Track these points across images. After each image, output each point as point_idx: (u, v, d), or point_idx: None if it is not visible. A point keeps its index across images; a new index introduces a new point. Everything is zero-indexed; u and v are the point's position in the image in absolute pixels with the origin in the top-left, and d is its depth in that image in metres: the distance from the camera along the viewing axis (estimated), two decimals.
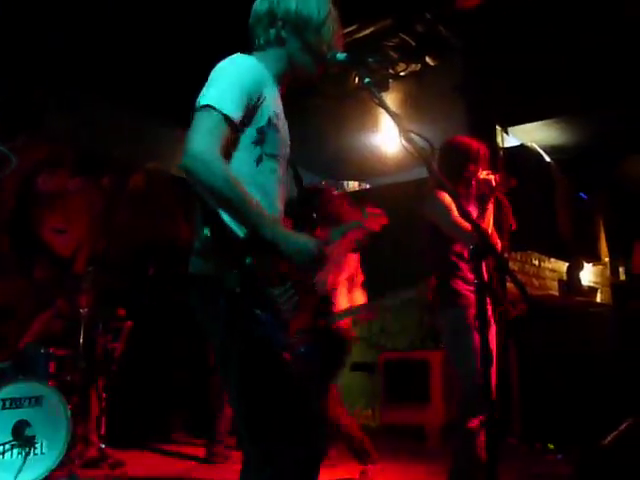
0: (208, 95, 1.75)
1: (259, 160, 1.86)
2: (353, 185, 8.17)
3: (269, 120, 1.87)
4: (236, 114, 1.74)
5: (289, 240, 1.75)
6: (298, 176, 2.11)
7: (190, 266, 1.88)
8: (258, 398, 1.75)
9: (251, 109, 1.80)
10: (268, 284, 1.75)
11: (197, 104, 1.75)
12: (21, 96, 5.64)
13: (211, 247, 1.78)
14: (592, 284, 8.08)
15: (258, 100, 1.82)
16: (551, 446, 4.80)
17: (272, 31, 1.96)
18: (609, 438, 3.05)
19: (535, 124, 6.09)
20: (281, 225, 1.79)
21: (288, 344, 1.78)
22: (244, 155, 1.83)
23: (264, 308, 1.73)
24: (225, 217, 1.75)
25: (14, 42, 4.95)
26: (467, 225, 2.47)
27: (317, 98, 5.98)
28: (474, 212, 3.22)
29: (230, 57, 1.91)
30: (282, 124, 1.95)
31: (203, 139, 1.68)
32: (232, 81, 1.78)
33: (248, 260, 1.71)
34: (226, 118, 1.72)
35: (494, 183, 3.17)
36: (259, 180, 1.86)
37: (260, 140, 1.85)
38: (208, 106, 1.72)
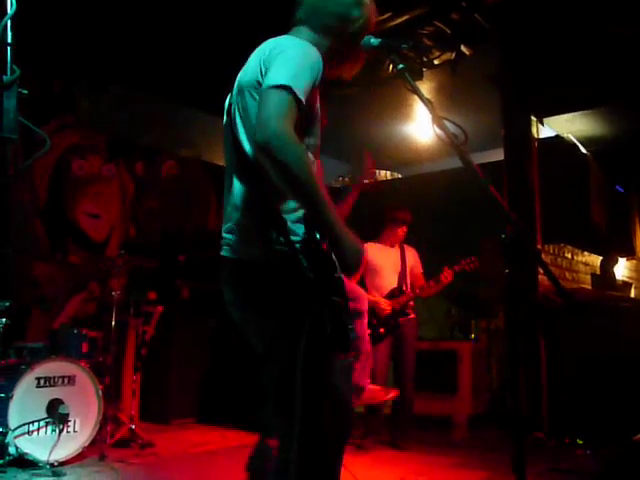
0: (284, 74, 1.67)
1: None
2: (385, 174, 8.13)
3: (317, 109, 1.84)
4: (304, 99, 1.69)
5: (348, 239, 1.71)
6: None
7: (234, 251, 1.83)
8: (321, 382, 1.77)
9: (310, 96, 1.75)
10: (335, 269, 1.73)
11: (271, 80, 1.66)
12: (53, 83, 5.73)
13: (268, 232, 1.74)
14: (626, 279, 7.94)
15: (317, 88, 1.78)
16: (580, 441, 4.75)
17: (320, 18, 1.93)
18: None
19: (571, 115, 5.97)
20: (341, 219, 1.73)
21: (353, 330, 1.79)
22: None
23: (338, 294, 1.71)
24: (286, 203, 1.74)
25: (49, 29, 5.02)
26: None
27: (350, 87, 5.95)
28: None
29: (292, 37, 1.87)
30: None
31: (283, 117, 1.61)
32: (305, 64, 1.72)
33: (316, 244, 1.69)
34: (298, 102, 1.66)
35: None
36: None
37: (309, 131, 1.82)
38: (284, 86, 1.64)
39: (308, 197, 1.65)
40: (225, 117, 1.94)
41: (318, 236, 1.70)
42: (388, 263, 5.06)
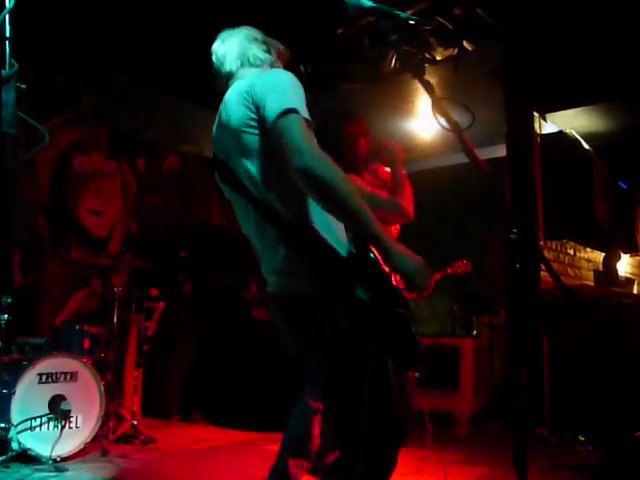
0: (284, 101, 1.70)
1: None
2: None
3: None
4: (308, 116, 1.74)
5: (402, 253, 1.67)
6: None
7: (284, 289, 1.81)
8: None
9: None
10: (389, 281, 1.73)
11: (276, 110, 1.68)
12: (56, 78, 5.72)
13: (312, 266, 1.72)
14: (629, 275, 7.93)
15: None
16: (582, 437, 4.75)
17: (266, 53, 2.04)
18: None
19: (574, 110, 5.95)
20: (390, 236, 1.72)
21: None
22: None
23: (400, 305, 1.71)
24: (320, 226, 1.73)
25: (51, 25, 5.01)
26: None
27: (352, 82, 5.94)
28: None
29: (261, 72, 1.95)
30: None
31: (309, 138, 1.65)
32: (292, 88, 1.77)
33: (365, 262, 1.69)
34: (308, 122, 1.70)
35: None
36: None
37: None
38: (290, 110, 1.68)
39: (353, 213, 1.64)
40: (221, 165, 1.92)
41: (371, 254, 1.70)
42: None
